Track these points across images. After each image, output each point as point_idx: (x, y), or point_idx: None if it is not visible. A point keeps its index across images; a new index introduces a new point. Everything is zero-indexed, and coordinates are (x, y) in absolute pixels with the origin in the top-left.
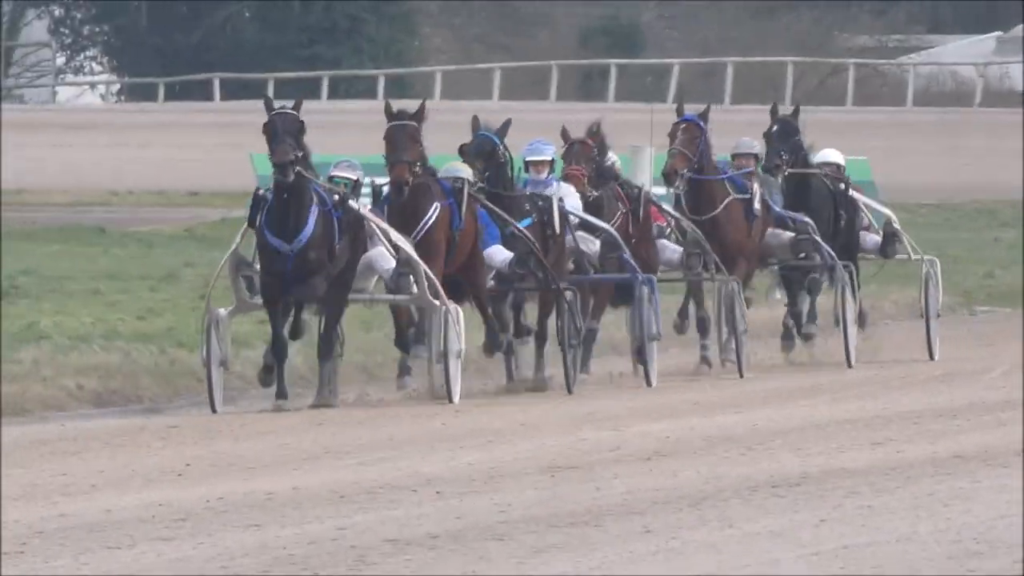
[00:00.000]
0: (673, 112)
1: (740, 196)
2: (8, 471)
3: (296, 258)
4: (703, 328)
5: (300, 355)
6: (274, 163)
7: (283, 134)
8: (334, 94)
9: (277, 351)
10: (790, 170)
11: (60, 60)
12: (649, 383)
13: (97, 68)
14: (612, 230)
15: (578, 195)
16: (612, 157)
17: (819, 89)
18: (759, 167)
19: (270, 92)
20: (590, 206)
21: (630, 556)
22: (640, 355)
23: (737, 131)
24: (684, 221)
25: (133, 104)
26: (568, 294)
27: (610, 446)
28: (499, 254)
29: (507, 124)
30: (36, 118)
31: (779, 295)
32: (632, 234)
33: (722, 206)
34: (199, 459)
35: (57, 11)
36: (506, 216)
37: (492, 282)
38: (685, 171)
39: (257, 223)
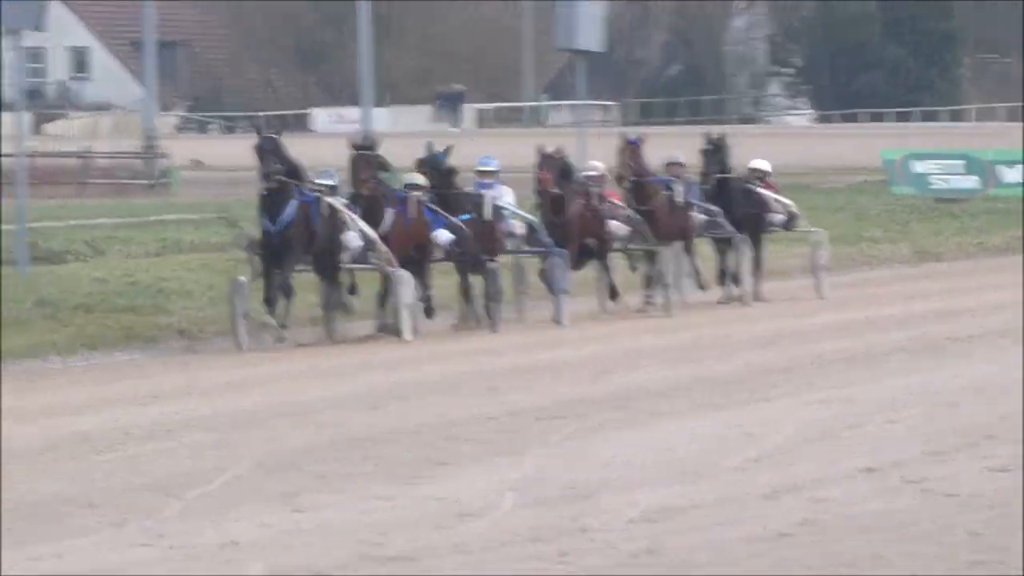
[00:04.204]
0: None
1: (667, 192)
2: None
3: (279, 235)
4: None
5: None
6: (262, 174)
7: (267, 152)
8: None
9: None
10: (717, 176)
11: None
12: (559, 322)
13: None
14: (532, 218)
15: (512, 193)
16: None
17: None
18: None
19: None
20: (556, 199)
21: None
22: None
23: None
24: (629, 210)
25: None
26: (492, 265)
27: None
28: (443, 235)
29: (449, 148)
30: None
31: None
32: (587, 216)
33: (657, 201)
34: None
35: None
36: (445, 214)
37: (440, 255)
38: (631, 177)
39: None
